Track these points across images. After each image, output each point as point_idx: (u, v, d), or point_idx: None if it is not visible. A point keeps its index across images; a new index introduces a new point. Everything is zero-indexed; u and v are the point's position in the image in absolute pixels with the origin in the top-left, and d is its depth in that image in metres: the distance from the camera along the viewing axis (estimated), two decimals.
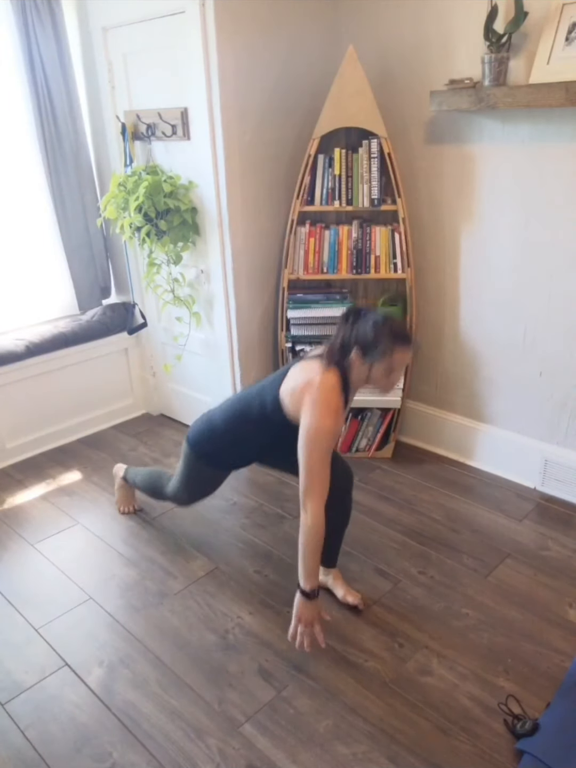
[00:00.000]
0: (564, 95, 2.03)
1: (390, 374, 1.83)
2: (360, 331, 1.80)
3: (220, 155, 2.56)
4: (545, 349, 2.57)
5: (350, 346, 1.81)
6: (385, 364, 1.80)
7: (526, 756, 1.59)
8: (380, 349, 1.77)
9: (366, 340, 1.78)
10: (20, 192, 2.95)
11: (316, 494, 1.77)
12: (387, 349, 1.77)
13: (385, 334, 1.77)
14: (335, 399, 1.79)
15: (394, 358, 1.79)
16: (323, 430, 1.76)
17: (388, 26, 2.59)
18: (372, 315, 1.81)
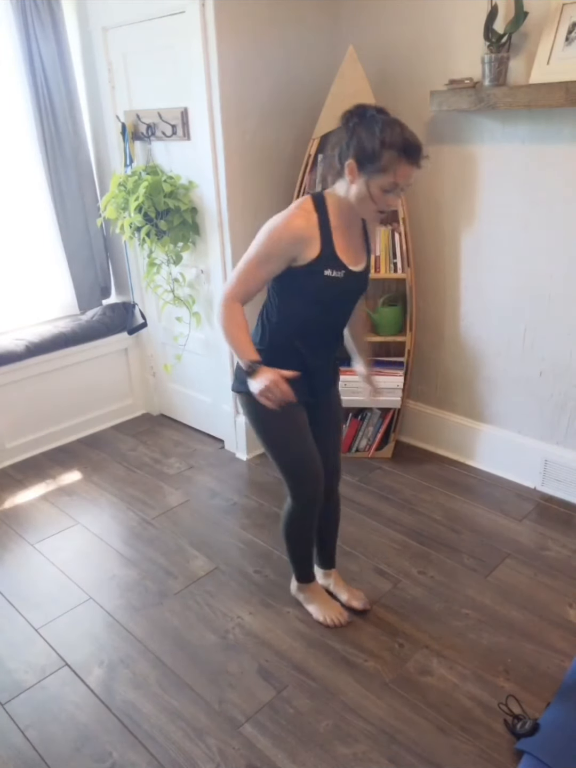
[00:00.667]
0: (564, 95, 2.02)
1: (387, 193, 1.57)
2: (362, 137, 1.53)
3: (220, 155, 2.56)
4: (545, 349, 2.57)
5: (345, 155, 1.57)
6: (384, 179, 1.54)
7: (526, 756, 1.59)
8: (382, 162, 1.51)
9: (366, 148, 1.52)
10: (20, 192, 2.95)
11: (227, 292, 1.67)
12: (389, 160, 1.51)
13: (390, 144, 1.51)
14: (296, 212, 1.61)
15: (398, 172, 1.53)
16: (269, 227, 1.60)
17: (388, 26, 2.59)
18: (380, 117, 1.56)
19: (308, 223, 1.62)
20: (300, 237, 1.61)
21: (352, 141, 1.55)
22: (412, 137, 1.54)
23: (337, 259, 1.67)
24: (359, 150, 1.54)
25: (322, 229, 1.64)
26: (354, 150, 1.54)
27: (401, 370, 2.84)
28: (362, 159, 1.54)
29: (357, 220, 1.72)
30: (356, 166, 1.55)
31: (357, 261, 1.74)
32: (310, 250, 1.64)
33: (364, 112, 1.58)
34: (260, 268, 1.64)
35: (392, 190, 1.56)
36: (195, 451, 3.19)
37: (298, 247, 1.62)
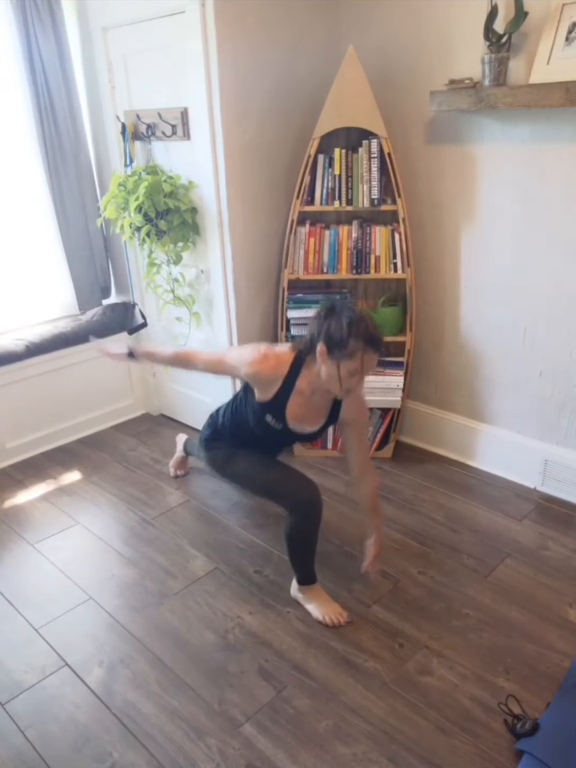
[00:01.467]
0: (564, 95, 2.03)
1: (352, 377, 1.83)
2: (332, 328, 1.79)
3: (220, 155, 2.56)
4: (545, 349, 2.57)
5: (318, 340, 1.83)
6: (350, 366, 1.80)
7: (526, 756, 1.59)
8: (347, 348, 1.77)
9: (335, 338, 1.78)
10: (20, 192, 2.95)
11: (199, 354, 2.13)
12: (355, 350, 1.77)
13: (355, 335, 1.76)
14: (272, 360, 1.92)
15: (359, 360, 1.79)
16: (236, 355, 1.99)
17: (388, 26, 2.59)
18: (347, 313, 1.80)
19: (276, 372, 1.92)
20: (261, 375, 1.93)
21: (323, 329, 1.81)
22: (375, 329, 1.82)
23: (281, 414, 1.97)
24: (329, 337, 1.80)
25: (284, 385, 1.93)
26: (324, 337, 1.81)
27: (401, 369, 2.84)
28: (331, 345, 1.79)
29: (324, 393, 1.97)
30: (326, 350, 1.81)
31: (307, 423, 2.04)
32: (265, 393, 1.95)
33: (334, 306, 1.85)
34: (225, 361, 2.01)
35: (356, 375, 1.82)
36: None
37: (258, 381, 1.96)
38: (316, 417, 2.05)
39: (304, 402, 1.97)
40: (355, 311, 1.83)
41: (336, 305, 1.85)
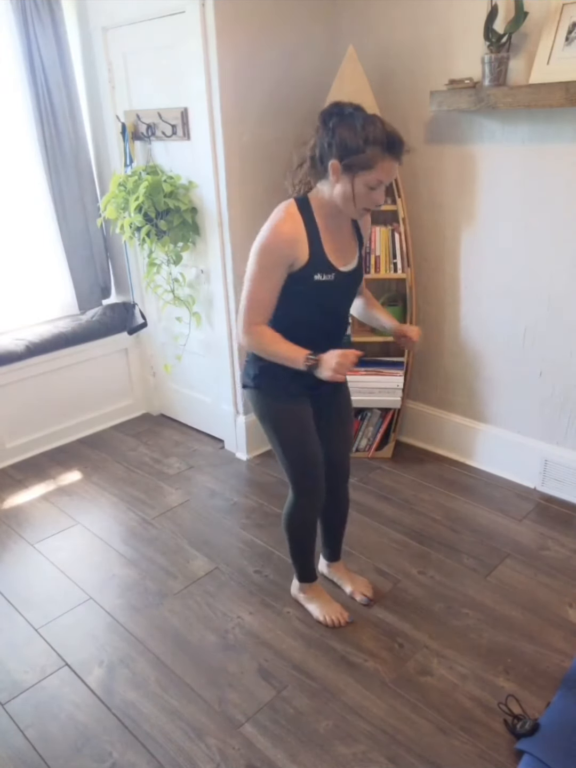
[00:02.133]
0: (564, 95, 2.02)
1: (372, 190, 1.56)
2: (344, 137, 1.51)
3: (220, 155, 2.56)
4: (545, 349, 2.57)
5: (328, 156, 1.54)
6: (369, 178, 1.52)
7: (526, 756, 1.59)
8: (364, 156, 1.49)
9: (349, 146, 1.50)
10: (20, 192, 2.95)
11: (245, 321, 1.67)
12: (372, 157, 1.50)
13: (372, 139, 1.49)
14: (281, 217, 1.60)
15: (381, 168, 1.52)
16: (258, 246, 1.61)
17: (388, 26, 2.58)
18: (360, 114, 1.53)
19: (295, 226, 1.61)
20: (290, 241, 1.60)
21: (333, 140, 1.52)
22: (394, 132, 1.53)
23: (326, 262, 1.66)
24: (342, 149, 1.51)
25: (309, 232, 1.62)
26: (336, 149, 1.52)
27: (401, 370, 2.84)
28: (345, 157, 1.51)
29: (345, 219, 1.70)
30: (340, 165, 1.53)
31: (347, 261, 1.73)
32: (301, 254, 1.62)
33: (342, 110, 1.55)
34: (263, 284, 1.64)
35: (377, 187, 1.55)
36: (195, 451, 3.19)
37: (292, 252, 1.61)
38: (351, 248, 1.76)
39: (333, 238, 1.68)
40: (365, 111, 1.55)
41: (343, 108, 1.55)
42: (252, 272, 1.64)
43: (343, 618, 2.05)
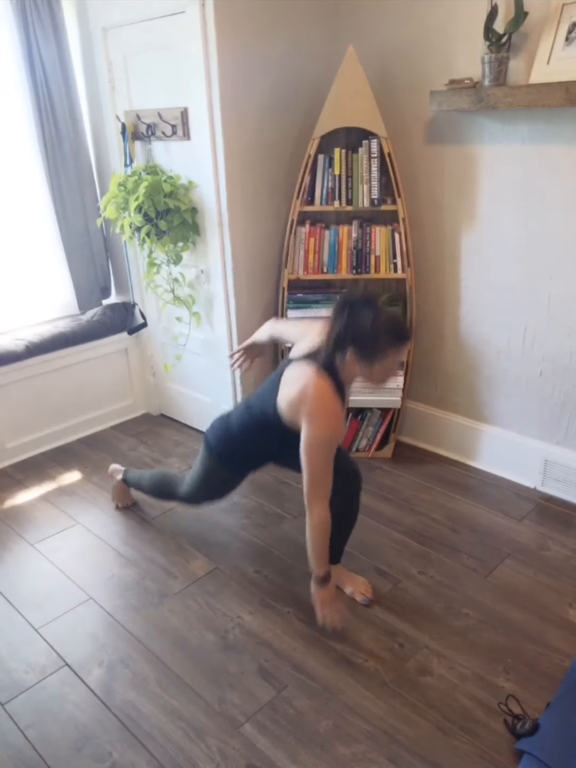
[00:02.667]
0: (564, 95, 2.02)
1: (387, 372, 1.81)
2: (357, 329, 1.72)
3: (220, 155, 2.56)
4: (545, 349, 2.57)
5: (346, 344, 1.75)
6: (383, 364, 1.77)
7: (526, 756, 1.59)
8: (379, 349, 1.73)
9: (363, 340, 1.72)
10: (20, 192, 2.95)
11: (318, 498, 1.82)
12: (386, 349, 1.73)
13: (383, 334, 1.71)
14: (332, 406, 1.78)
15: (393, 357, 1.76)
16: (322, 440, 1.77)
17: (388, 26, 2.59)
18: (369, 310, 1.73)
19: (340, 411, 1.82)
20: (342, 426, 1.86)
21: (348, 335, 1.73)
22: (401, 321, 1.83)
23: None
24: (357, 344, 1.73)
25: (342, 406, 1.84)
26: (352, 344, 1.73)
27: (401, 370, 2.84)
28: (360, 349, 1.73)
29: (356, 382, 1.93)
30: (356, 355, 1.75)
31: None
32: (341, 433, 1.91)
33: (354, 305, 1.74)
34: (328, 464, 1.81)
35: (390, 369, 1.80)
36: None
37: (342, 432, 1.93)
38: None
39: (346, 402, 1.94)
40: (374, 305, 1.74)
41: (355, 303, 1.75)
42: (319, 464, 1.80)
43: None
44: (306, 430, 1.78)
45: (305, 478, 1.81)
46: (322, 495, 1.81)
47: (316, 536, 1.84)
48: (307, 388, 1.77)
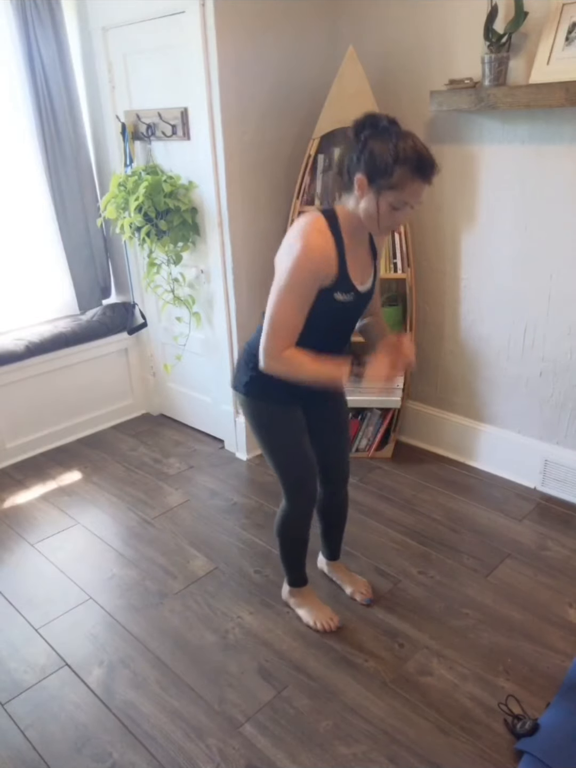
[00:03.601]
0: (564, 95, 2.02)
1: (396, 210, 1.50)
2: (375, 150, 1.44)
3: (220, 155, 2.56)
4: (545, 349, 2.57)
5: (355, 169, 1.48)
6: (395, 196, 1.47)
7: (526, 756, 1.59)
8: (394, 179, 1.44)
9: (378, 163, 1.44)
10: (20, 192, 2.95)
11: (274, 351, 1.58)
12: (402, 178, 1.44)
13: (403, 159, 1.43)
14: (314, 235, 1.52)
15: (409, 189, 1.47)
16: (293, 272, 1.50)
17: (388, 26, 2.58)
18: (394, 129, 1.46)
19: (326, 242, 1.54)
20: (324, 258, 1.53)
21: (363, 154, 1.46)
22: (427, 153, 1.47)
23: (349, 281, 1.61)
24: (371, 164, 1.45)
25: (338, 249, 1.56)
26: (365, 164, 1.46)
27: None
28: (373, 174, 1.45)
29: (365, 235, 1.64)
30: (366, 181, 1.47)
31: (364, 279, 1.69)
32: (331, 271, 1.57)
33: (377, 122, 1.47)
34: (294, 305, 1.55)
35: (402, 208, 1.50)
36: (195, 451, 3.19)
37: (325, 269, 1.55)
38: (367, 267, 1.71)
39: (355, 254, 1.63)
40: (400, 127, 1.49)
41: (378, 120, 1.47)
42: (281, 293, 1.54)
43: (333, 623, 2.04)
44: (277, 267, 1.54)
45: (264, 322, 1.58)
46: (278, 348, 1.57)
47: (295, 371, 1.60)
48: (292, 227, 1.56)
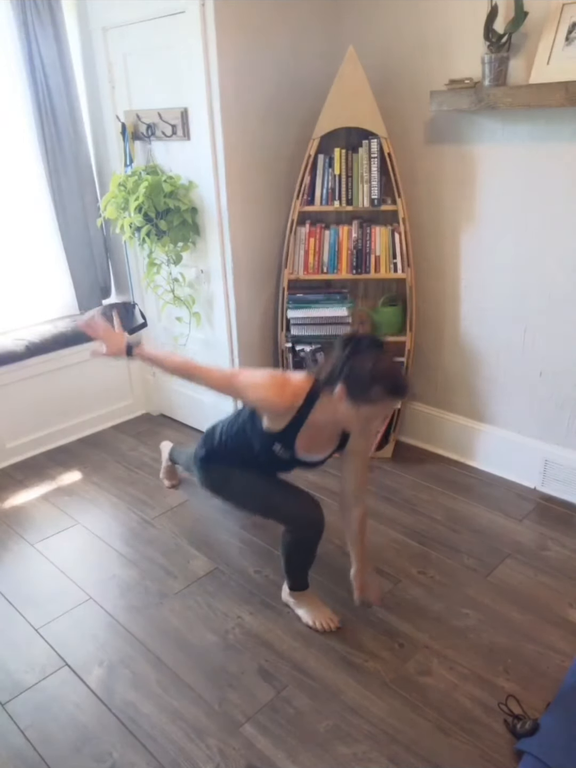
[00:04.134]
0: (564, 95, 2.03)
1: (370, 421, 1.74)
2: (354, 369, 1.65)
3: (220, 155, 2.56)
4: (545, 349, 2.57)
5: (338, 379, 1.67)
6: (369, 411, 1.68)
7: (526, 756, 1.59)
8: (370, 395, 1.63)
9: (357, 382, 1.64)
10: (20, 192, 2.95)
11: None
12: (377, 396, 1.64)
13: (380, 381, 1.62)
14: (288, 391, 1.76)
15: (381, 407, 1.69)
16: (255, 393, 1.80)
17: (388, 26, 2.59)
18: (373, 354, 1.66)
19: (290, 406, 1.77)
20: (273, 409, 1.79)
21: (345, 368, 1.66)
22: (402, 376, 1.73)
23: (292, 445, 1.85)
24: (350, 379, 1.65)
25: (297, 417, 1.79)
26: (345, 378, 1.65)
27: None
28: (351, 388, 1.64)
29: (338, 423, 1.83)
30: (345, 392, 1.66)
31: (317, 452, 1.93)
32: (276, 423, 1.82)
33: (359, 343, 1.67)
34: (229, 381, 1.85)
35: (375, 420, 1.74)
36: None
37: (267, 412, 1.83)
38: (326, 446, 1.94)
39: (315, 434, 1.84)
40: (381, 350, 1.69)
41: (361, 341, 1.68)
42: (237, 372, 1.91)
43: (333, 623, 2.04)
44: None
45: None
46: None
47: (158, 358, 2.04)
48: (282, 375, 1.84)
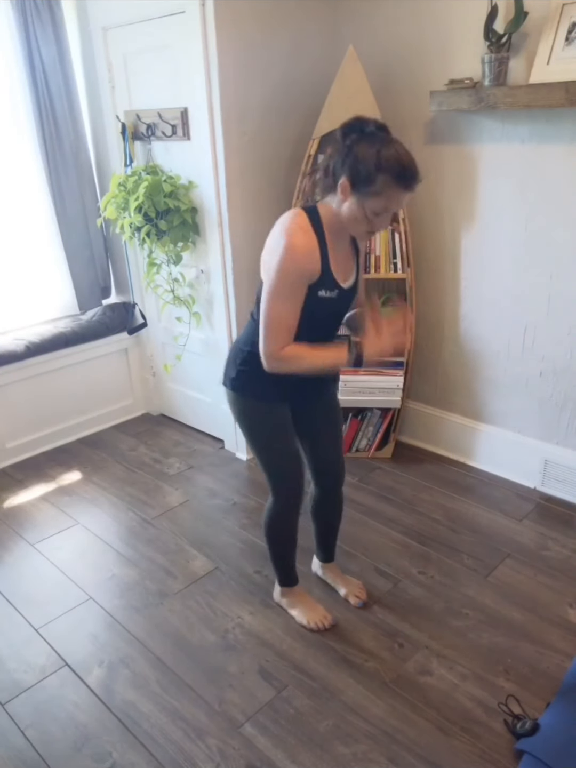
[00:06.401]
0: (564, 95, 2.03)
1: (377, 216, 1.53)
2: (358, 156, 1.46)
3: (220, 155, 2.56)
4: (545, 349, 2.57)
5: (340, 172, 1.50)
6: (377, 203, 1.48)
7: (526, 756, 1.59)
8: (376, 186, 1.45)
9: (361, 170, 1.46)
10: (20, 192, 2.95)
11: (270, 340, 1.59)
12: (383, 185, 1.45)
13: (386, 167, 1.44)
14: (298, 234, 1.55)
15: (390, 197, 1.48)
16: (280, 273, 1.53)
17: (388, 26, 2.58)
18: (379, 136, 1.48)
19: (309, 240, 1.56)
20: (308, 256, 1.55)
21: (347, 159, 1.48)
22: (410, 162, 1.47)
23: (332, 279, 1.63)
24: (354, 170, 1.47)
25: (321, 247, 1.58)
26: (348, 169, 1.48)
27: (401, 370, 2.84)
28: (356, 179, 1.47)
29: (347, 234, 1.66)
30: (349, 185, 1.49)
31: (347, 276, 1.70)
32: (316, 269, 1.58)
33: (364, 127, 1.49)
34: (287, 305, 1.57)
35: (383, 213, 1.52)
36: (195, 451, 3.19)
37: (311, 266, 1.56)
38: (350, 260, 1.73)
39: (337, 252, 1.64)
40: (388, 134, 1.50)
41: (365, 125, 1.49)
42: (272, 296, 1.56)
43: (326, 621, 2.04)
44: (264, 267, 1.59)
45: (260, 325, 1.60)
46: (277, 348, 1.59)
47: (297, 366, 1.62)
48: (275, 225, 1.59)
